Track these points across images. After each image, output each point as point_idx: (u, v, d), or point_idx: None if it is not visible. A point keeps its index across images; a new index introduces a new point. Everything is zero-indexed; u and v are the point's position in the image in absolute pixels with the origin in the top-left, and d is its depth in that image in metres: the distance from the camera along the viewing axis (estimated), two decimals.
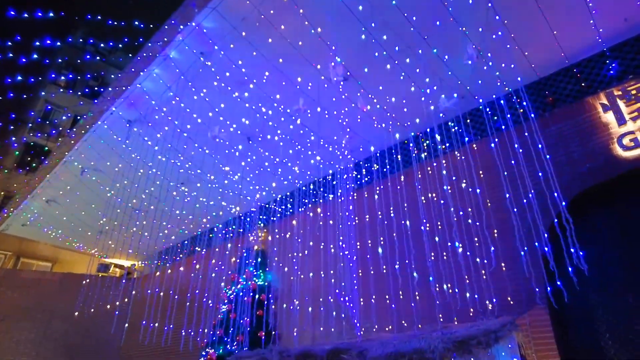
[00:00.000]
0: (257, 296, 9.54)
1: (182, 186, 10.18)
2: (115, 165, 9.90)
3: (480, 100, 7.36)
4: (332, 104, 7.55)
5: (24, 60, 6.48)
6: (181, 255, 14.03)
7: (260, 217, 11.56)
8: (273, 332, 9.24)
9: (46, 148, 18.71)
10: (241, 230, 11.40)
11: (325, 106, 7.58)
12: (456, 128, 7.68)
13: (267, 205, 11.65)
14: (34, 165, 17.39)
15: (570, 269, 4.82)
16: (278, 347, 5.94)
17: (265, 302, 9.57)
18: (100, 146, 9.48)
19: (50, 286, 14.97)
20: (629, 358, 5.27)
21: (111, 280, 14.58)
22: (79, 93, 20.33)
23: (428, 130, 7.84)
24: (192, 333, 9.57)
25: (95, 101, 8.95)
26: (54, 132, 19.70)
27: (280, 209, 11.00)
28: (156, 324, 10.12)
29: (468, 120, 7.73)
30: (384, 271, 7.37)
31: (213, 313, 10.05)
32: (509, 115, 6.56)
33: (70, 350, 14.24)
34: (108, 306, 12.08)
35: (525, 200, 5.94)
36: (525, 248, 5.74)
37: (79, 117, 15.57)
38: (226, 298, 10.12)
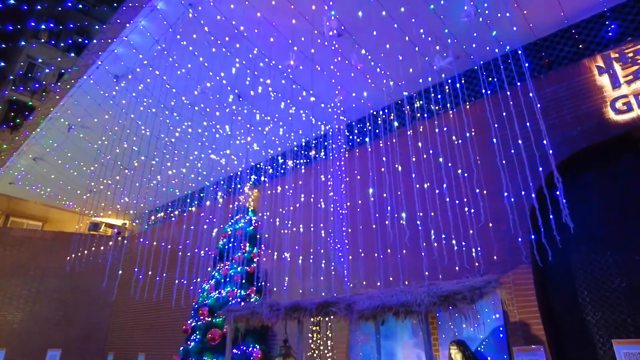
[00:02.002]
0: (248, 253, 9.70)
1: (169, 143, 10.02)
2: (103, 121, 9.68)
3: (479, 63, 7.22)
4: (325, 60, 7.35)
5: None
6: (172, 214, 14.06)
7: (251, 176, 11.53)
8: (264, 287, 9.46)
9: (30, 103, 18.14)
10: (231, 189, 11.40)
11: (319, 63, 7.38)
12: (450, 88, 7.59)
13: (258, 165, 11.60)
14: (17, 121, 16.87)
15: (554, 228, 4.93)
16: (268, 301, 6.10)
17: (256, 259, 9.73)
18: (86, 102, 9.22)
19: (43, 244, 15.02)
20: (603, 314, 5.52)
21: (101, 239, 14.64)
22: (62, 44, 19.39)
23: (422, 90, 7.73)
24: (184, 288, 9.76)
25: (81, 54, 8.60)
26: (37, 86, 18.99)
27: (271, 168, 10.97)
28: (147, 280, 10.27)
29: (463, 81, 7.62)
30: (374, 226, 7.50)
31: (204, 269, 10.20)
32: (504, 77, 6.48)
33: (64, 306, 14.50)
34: (100, 261, 12.21)
35: (515, 161, 6.00)
36: (514, 207, 5.85)
37: (63, 71, 15.00)
38: (217, 255, 10.25)
